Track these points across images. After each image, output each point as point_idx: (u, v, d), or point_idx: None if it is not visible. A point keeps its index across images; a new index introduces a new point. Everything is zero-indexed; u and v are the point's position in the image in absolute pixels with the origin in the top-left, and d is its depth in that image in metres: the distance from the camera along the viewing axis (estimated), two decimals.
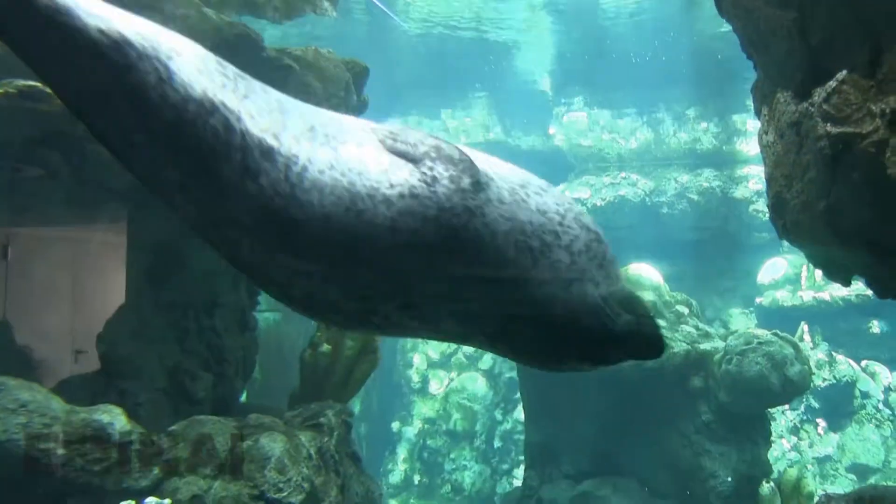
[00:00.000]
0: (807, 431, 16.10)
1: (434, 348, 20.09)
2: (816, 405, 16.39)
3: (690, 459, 11.44)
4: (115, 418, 6.04)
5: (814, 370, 16.24)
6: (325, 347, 8.68)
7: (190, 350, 7.60)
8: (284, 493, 6.60)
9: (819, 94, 4.40)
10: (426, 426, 19.09)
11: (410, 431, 19.08)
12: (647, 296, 12.88)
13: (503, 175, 2.66)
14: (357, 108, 10.15)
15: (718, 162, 19.54)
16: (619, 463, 12.41)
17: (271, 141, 2.35)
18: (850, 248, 4.60)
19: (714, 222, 18.51)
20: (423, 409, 19.30)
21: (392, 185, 2.36)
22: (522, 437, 14.48)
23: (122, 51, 2.24)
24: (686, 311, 12.91)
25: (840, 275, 5.09)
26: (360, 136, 2.50)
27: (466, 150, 2.61)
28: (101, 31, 2.24)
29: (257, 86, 2.56)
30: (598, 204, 19.64)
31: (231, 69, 2.55)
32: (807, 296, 17.69)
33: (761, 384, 11.17)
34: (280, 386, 10.57)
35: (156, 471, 6.03)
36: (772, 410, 15.44)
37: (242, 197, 2.32)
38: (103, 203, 7.54)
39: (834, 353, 16.67)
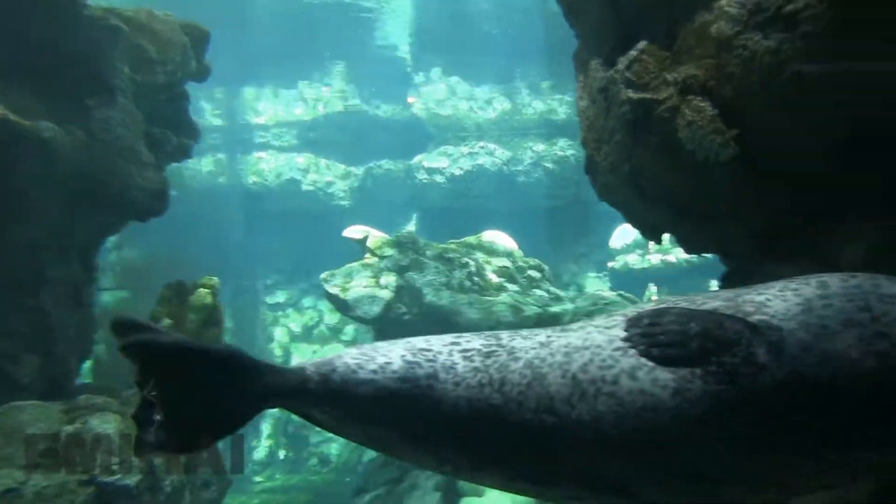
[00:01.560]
0: None
1: (295, 321, 19.87)
2: None
3: None
4: None
5: None
6: (167, 321, 8.40)
7: (9, 331, 7.12)
8: (118, 475, 6.36)
9: (622, 62, 4.60)
10: None
11: None
12: (501, 261, 13.22)
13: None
14: (197, 74, 9.77)
15: (573, 132, 20.08)
16: None
17: None
18: (654, 207, 4.87)
19: (568, 190, 19.18)
20: None
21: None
22: None
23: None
24: (538, 275, 13.36)
25: (651, 233, 5.38)
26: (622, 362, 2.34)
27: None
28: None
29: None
30: (457, 173, 19.92)
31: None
32: (655, 259, 18.70)
33: None
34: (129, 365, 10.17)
35: None
36: None
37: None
38: None
39: None
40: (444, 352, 2.72)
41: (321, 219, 19.63)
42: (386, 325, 12.60)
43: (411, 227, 19.62)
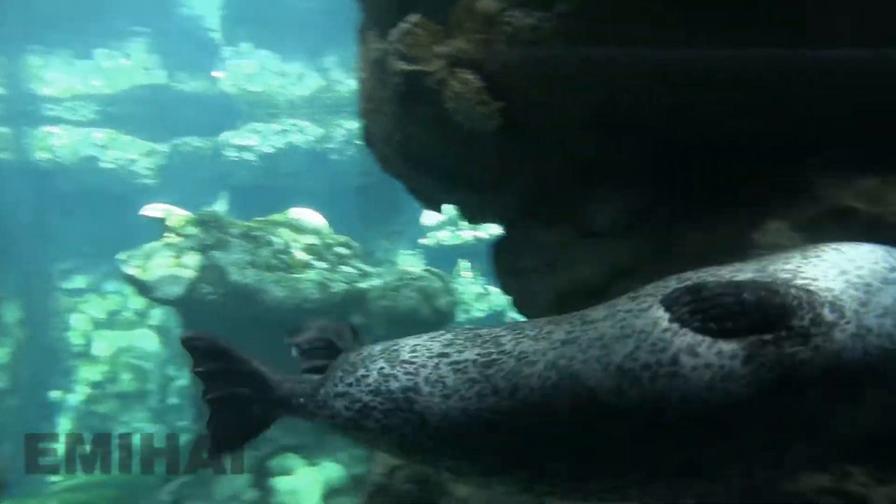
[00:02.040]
0: None
1: (97, 307, 18.69)
2: None
3: None
4: None
5: (473, 302, 17.85)
6: None
7: None
8: None
9: (395, 34, 4.66)
10: (93, 391, 17.77)
11: (74, 399, 17.65)
12: (309, 239, 13.10)
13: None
14: None
15: None
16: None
17: None
18: (429, 178, 5.01)
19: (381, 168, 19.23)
20: (88, 373, 17.92)
21: None
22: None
23: None
24: (347, 252, 13.37)
25: (431, 203, 5.53)
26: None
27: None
28: None
29: None
30: (268, 151, 19.47)
31: None
32: (466, 234, 19.24)
33: (414, 316, 12.02)
34: None
35: None
36: None
37: None
38: None
39: (488, 287, 18.37)
40: (429, 364, 2.63)
41: (123, 198, 18.51)
42: (190, 306, 12.15)
43: (221, 205, 18.96)
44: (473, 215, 5.67)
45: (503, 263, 5.09)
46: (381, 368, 2.74)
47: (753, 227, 3.88)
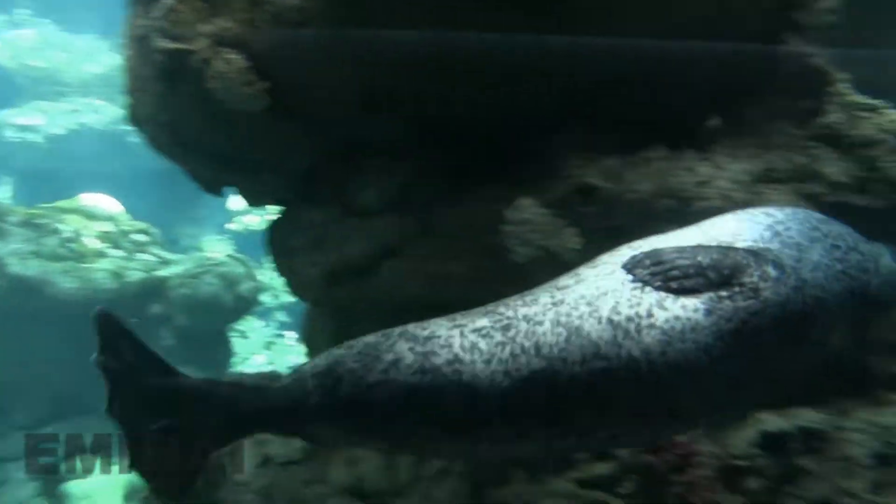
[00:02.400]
0: (278, 344, 17.36)
1: None
2: (287, 320, 17.71)
3: None
4: None
5: (283, 287, 17.53)
6: None
7: None
8: None
9: (159, 11, 4.49)
10: None
11: None
12: (103, 226, 12.35)
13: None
14: None
15: None
16: (83, 403, 11.85)
17: None
18: (198, 159, 4.89)
19: None
20: None
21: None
22: None
23: None
24: (146, 239, 12.72)
25: (210, 186, 5.40)
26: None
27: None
28: None
29: None
30: (56, 132, 18.03)
31: None
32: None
33: (216, 303, 11.67)
34: None
35: None
36: (245, 329, 16.35)
37: None
38: None
39: None
40: (454, 335, 2.55)
41: None
42: None
43: (3, 192, 17.39)
44: (252, 198, 5.60)
45: (276, 245, 5.07)
46: (412, 347, 2.57)
47: (507, 204, 4.12)
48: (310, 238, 4.75)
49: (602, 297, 2.50)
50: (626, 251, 2.71)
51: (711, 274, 2.42)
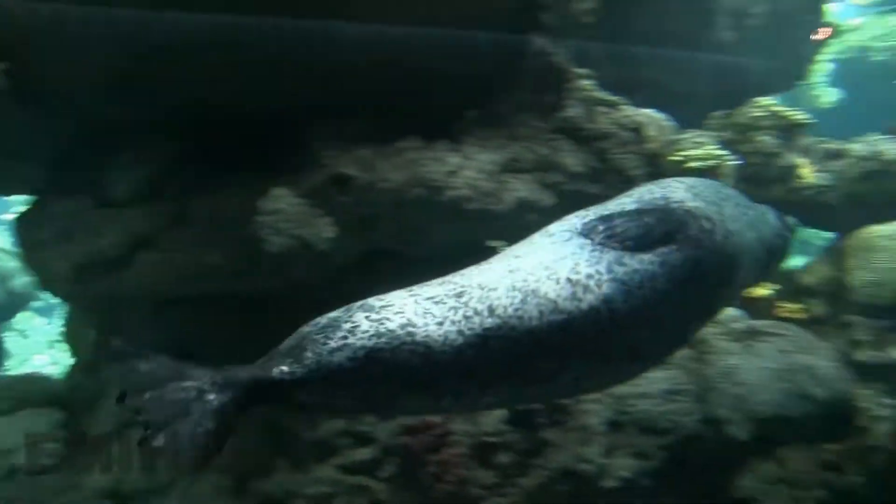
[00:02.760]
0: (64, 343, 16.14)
1: None
2: None
3: None
4: None
5: None
6: None
7: None
8: None
9: None
10: None
11: None
12: None
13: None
14: None
15: None
16: None
17: None
18: None
19: None
20: None
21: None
22: None
23: None
24: None
25: None
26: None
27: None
28: None
29: None
30: None
31: None
32: None
33: None
34: None
35: None
36: (25, 328, 15.07)
37: None
38: None
39: None
40: (408, 302, 2.70)
41: None
42: None
43: None
44: (3, 186, 5.16)
45: (24, 237, 4.69)
46: (368, 316, 2.70)
47: (260, 194, 4.06)
48: (59, 229, 4.43)
49: (561, 260, 2.74)
50: (576, 220, 2.95)
51: (659, 231, 2.80)
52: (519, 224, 4.22)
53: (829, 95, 13.53)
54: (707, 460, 4.13)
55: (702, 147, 4.97)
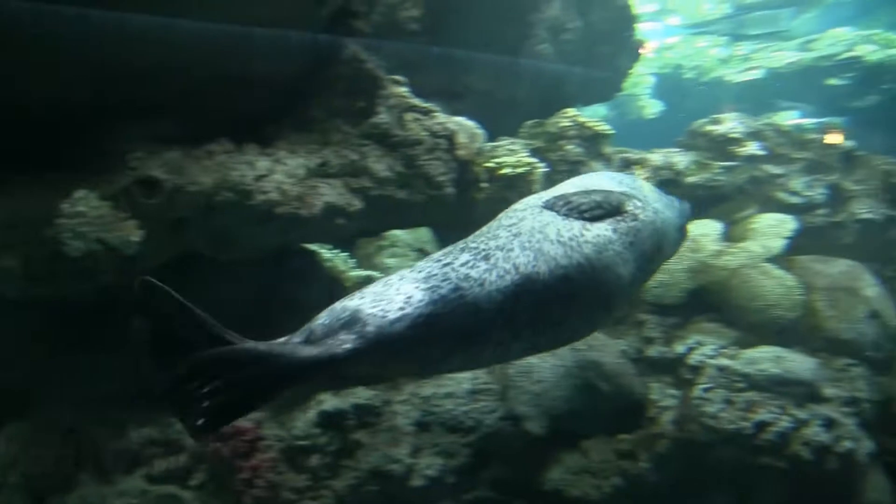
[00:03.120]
0: None
1: None
2: None
3: None
4: None
5: None
6: None
7: None
8: None
9: None
10: None
11: None
12: None
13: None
14: None
15: None
16: None
17: None
18: None
19: None
20: None
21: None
22: None
23: None
24: None
25: None
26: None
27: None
28: None
29: None
30: None
31: None
32: None
33: None
34: None
35: None
36: None
37: None
38: None
39: None
40: (448, 271, 3.01)
41: None
42: None
43: None
44: None
45: None
46: (417, 286, 2.95)
47: (63, 196, 3.89)
48: None
49: (546, 226, 3.27)
50: (534, 199, 3.54)
51: (605, 206, 3.43)
52: (327, 228, 4.30)
53: (652, 106, 14.55)
54: (509, 456, 4.37)
55: (514, 154, 5.22)
